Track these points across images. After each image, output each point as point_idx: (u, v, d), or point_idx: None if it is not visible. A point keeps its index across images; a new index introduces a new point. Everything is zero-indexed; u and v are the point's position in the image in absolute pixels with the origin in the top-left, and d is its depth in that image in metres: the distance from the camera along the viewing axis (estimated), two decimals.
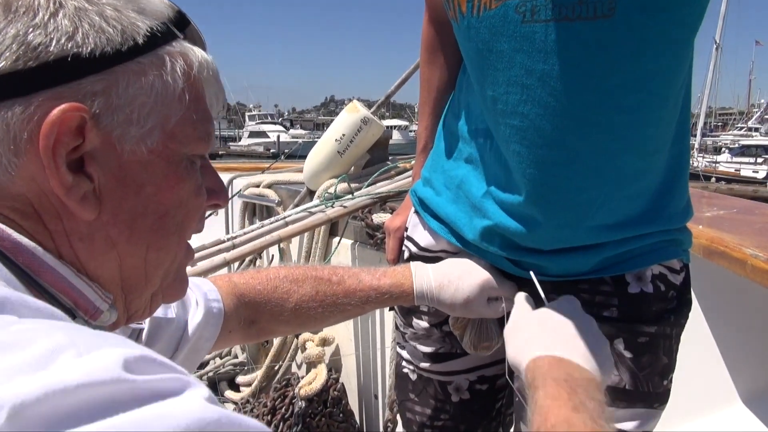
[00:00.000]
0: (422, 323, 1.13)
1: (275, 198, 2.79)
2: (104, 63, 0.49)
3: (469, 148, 1.02)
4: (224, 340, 0.91)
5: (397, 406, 1.35)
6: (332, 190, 2.39)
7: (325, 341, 2.38)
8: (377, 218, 2.18)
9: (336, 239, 2.39)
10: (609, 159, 0.88)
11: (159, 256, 0.57)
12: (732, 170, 24.99)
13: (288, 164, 3.59)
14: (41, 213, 0.50)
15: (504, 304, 0.98)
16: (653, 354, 0.96)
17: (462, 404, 1.14)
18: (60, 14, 0.49)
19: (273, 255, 2.72)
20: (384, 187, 2.39)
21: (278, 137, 38.89)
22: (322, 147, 2.51)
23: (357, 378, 2.44)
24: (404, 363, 1.19)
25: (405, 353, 1.18)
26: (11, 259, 0.48)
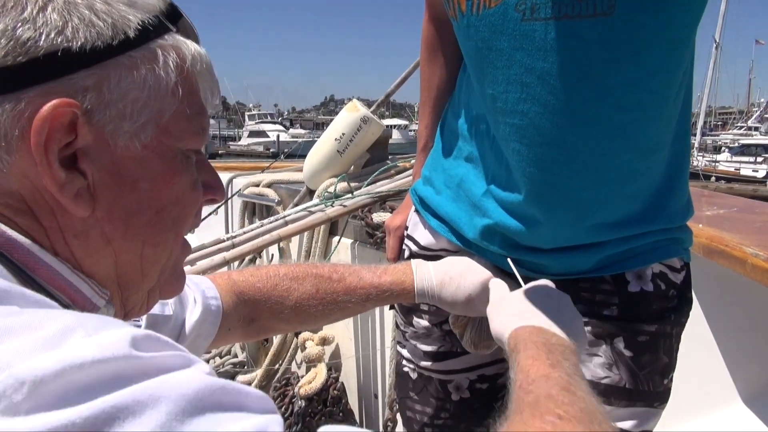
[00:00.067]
0: (423, 322, 1.13)
1: (275, 197, 2.78)
2: (95, 57, 0.49)
3: (470, 147, 1.02)
4: (223, 338, 0.91)
5: (398, 405, 1.35)
6: (332, 190, 2.39)
7: (325, 340, 2.38)
8: (377, 217, 2.18)
9: (336, 238, 2.39)
10: (609, 157, 0.87)
11: (155, 252, 0.57)
12: (732, 169, 25.01)
13: (288, 163, 3.59)
14: (35, 210, 0.50)
15: None
16: (653, 353, 0.96)
17: (462, 403, 1.14)
18: (49, 8, 0.48)
19: (273, 254, 2.71)
20: (384, 187, 2.39)
21: (278, 137, 38.90)
22: (322, 146, 2.51)
23: (357, 377, 2.44)
24: (405, 362, 1.19)
25: (405, 352, 1.18)
26: (6, 256, 0.48)
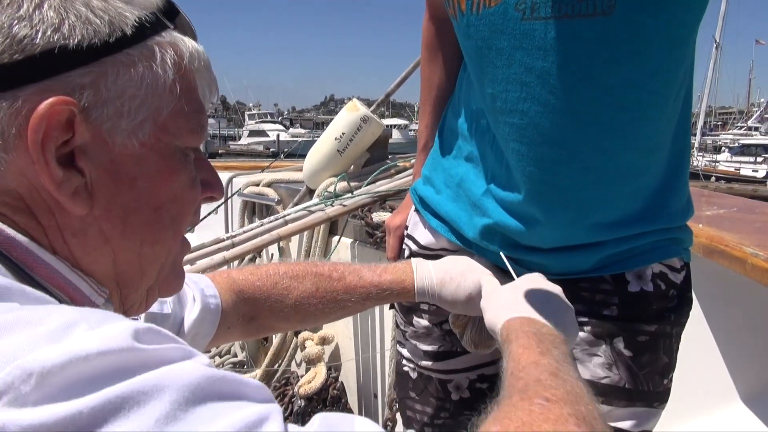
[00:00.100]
0: (423, 322, 1.13)
1: (275, 197, 2.78)
2: (92, 55, 0.48)
3: (470, 147, 1.02)
4: (222, 337, 0.91)
5: (397, 405, 1.35)
6: (332, 189, 2.39)
7: (325, 340, 2.38)
8: (377, 217, 2.18)
9: (336, 238, 2.39)
10: (608, 157, 0.87)
11: (154, 251, 0.57)
12: (732, 169, 25.02)
13: (287, 163, 3.59)
14: (33, 208, 0.50)
15: None
16: (653, 353, 0.95)
17: (462, 403, 1.14)
18: (45, 5, 0.47)
19: (272, 254, 2.71)
20: (383, 186, 2.39)
21: (278, 136, 38.90)
22: (322, 146, 2.51)
23: (356, 377, 2.44)
24: (405, 361, 1.19)
25: (405, 351, 1.18)
26: (5, 254, 0.48)
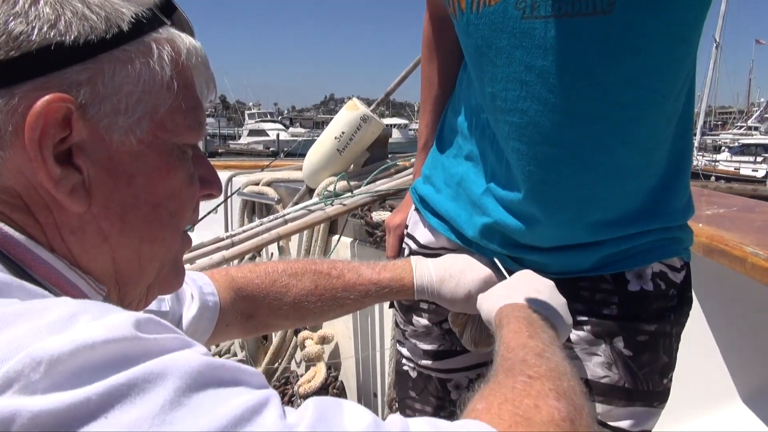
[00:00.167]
0: (422, 321, 1.13)
1: (274, 196, 2.78)
2: (89, 51, 0.48)
3: (470, 145, 1.02)
4: (221, 334, 0.91)
5: (397, 404, 1.35)
6: (332, 188, 2.39)
7: (325, 339, 2.38)
8: (377, 216, 2.18)
9: (335, 237, 2.39)
10: (608, 155, 0.87)
11: (153, 248, 0.56)
12: (731, 169, 25.02)
13: (287, 162, 3.58)
14: (30, 206, 0.49)
15: None
16: (653, 352, 0.95)
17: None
18: (41, 1, 0.47)
19: (272, 253, 2.71)
20: (383, 185, 2.39)
21: (278, 135, 38.88)
22: (322, 145, 2.50)
23: (356, 376, 2.44)
24: (404, 360, 1.19)
25: (405, 351, 1.18)
26: (3, 253, 0.47)
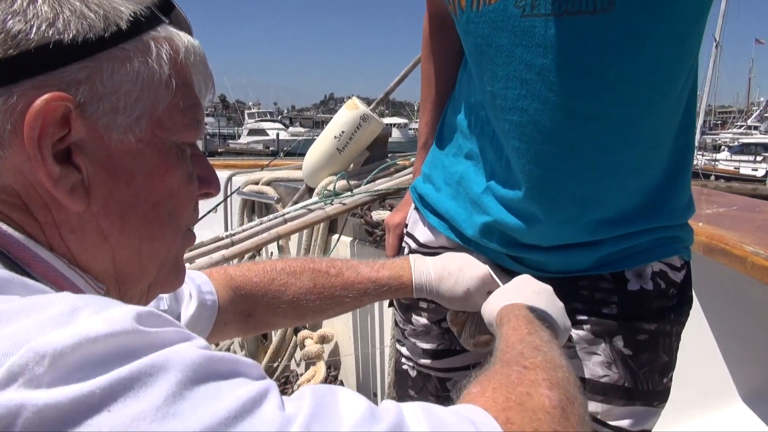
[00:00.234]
0: (422, 320, 1.13)
1: (274, 195, 2.78)
2: (87, 50, 0.48)
3: (470, 144, 1.02)
4: (220, 333, 0.91)
5: None
6: (331, 188, 2.39)
7: (324, 339, 2.38)
8: (376, 215, 2.18)
9: (335, 236, 2.39)
10: (608, 154, 0.87)
11: (153, 247, 0.56)
12: (731, 168, 25.05)
13: (287, 161, 3.58)
14: (29, 205, 0.49)
15: None
16: (653, 352, 0.95)
17: None
18: (39, 0, 0.47)
19: (272, 252, 2.71)
20: (383, 185, 2.39)
21: (277, 135, 38.88)
22: (321, 144, 2.50)
23: (356, 375, 2.44)
24: (404, 360, 1.19)
25: (404, 350, 1.18)
26: (2, 251, 0.47)
